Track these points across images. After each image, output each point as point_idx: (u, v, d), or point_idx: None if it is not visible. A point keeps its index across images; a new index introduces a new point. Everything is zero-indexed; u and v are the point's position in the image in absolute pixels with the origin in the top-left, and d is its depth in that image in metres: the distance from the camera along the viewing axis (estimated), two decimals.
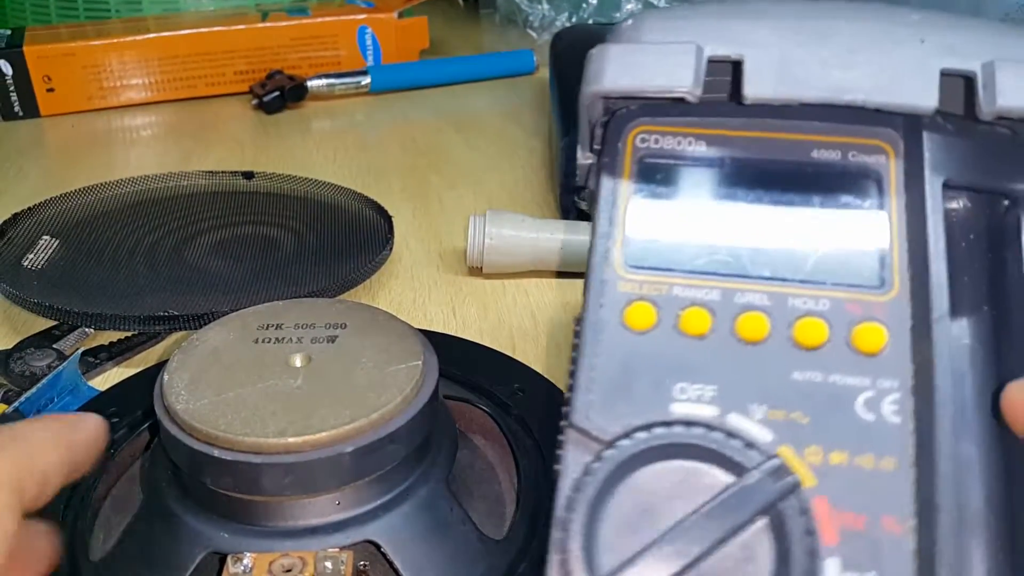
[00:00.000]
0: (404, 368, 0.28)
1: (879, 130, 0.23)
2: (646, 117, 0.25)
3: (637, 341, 0.22)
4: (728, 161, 0.24)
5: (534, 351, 0.43)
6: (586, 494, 0.20)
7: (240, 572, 0.25)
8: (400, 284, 0.49)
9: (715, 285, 0.22)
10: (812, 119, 0.24)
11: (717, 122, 0.24)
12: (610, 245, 0.23)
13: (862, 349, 0.21)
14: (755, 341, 0.21)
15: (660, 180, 0.24)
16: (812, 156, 0.24)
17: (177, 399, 0.26)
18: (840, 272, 0.22)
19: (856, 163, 0.23)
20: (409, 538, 0.27)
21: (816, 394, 0.21)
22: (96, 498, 0.30)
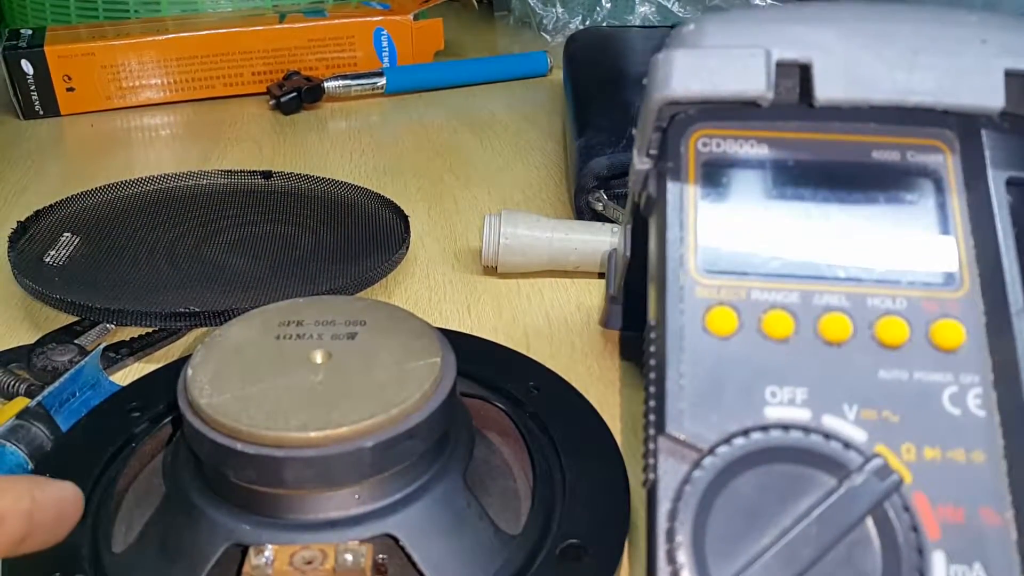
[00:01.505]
0: (423, 365, 0.28)
1: (935, 131, 0.24)
2: (707, 121, 0.25)
3: (722, 346, 0.22)
4: (791, 163, 0.24)
5: (548, 350, 0.43)
6: (690, 503, 0.20)
7: (262, 564, 0.25)
8: (416, 283, 0.49)
9: (793, 288, 0.22)
10: (871, 120, 0.24)
11: (777, 125, 0.24)
12: (684, 251, 0.23)
13: (942, 346, 0.21)
14: (839, 342, 0.22)
15: (726, 183, 0.24)
16: (872, 157, 0.24)
17: (201, 393, 0.27)
18: (911, 271, 0.22)
19: (915, 163, 0.24)
20: (427, 532, 0.27)
21: (903, 392, 0.21)
22: (118, 491, 0.31)
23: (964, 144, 0.24)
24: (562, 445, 0.33)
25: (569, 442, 0.33)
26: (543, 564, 0.28)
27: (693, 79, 0.24)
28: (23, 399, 0.35)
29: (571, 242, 0.48)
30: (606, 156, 0.50)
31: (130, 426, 0.33)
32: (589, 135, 0.54)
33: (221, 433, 0.26)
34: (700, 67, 0.24)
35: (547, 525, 0.29)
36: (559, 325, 0.45)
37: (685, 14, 0.87)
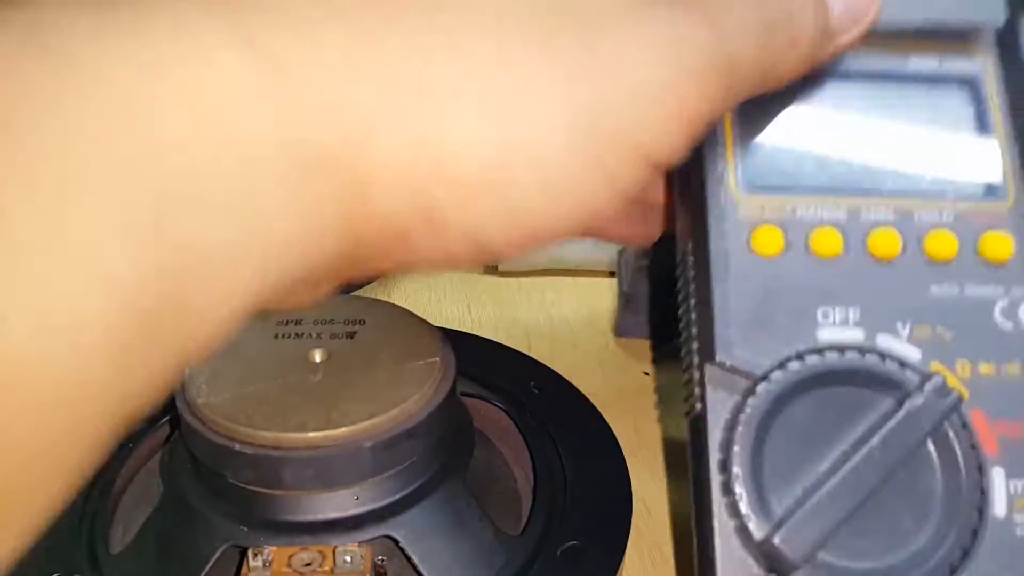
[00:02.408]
0: (423, 364, 0.28)
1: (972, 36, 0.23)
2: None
3: (769, 267, 0.21)
4: (828, 71, 0.23)
5: (549, 349, 0.43)
6: (745, 432, 0.19)
7: (260, 566, 0.25)
8: (416, 282, 0.49)
9: (840, 202, 0.21)
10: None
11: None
12: (722, 168, 0.22)
13: (991, 258, 0.21)
14: (889, 258, 0.21)
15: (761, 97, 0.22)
16: (909, 66, 0.23)
17: (198, 393, 0.27)
18: (957, 183, 0.22)
19: (951, 69, 0.23)
20: (427, 533, 0.27)
21: (955, 307, 0.20)
22: (115, 491, 0.31)
23: (1002, 49, 0.23)
24: (563, 445, 0.33)
25: (570, 442, 0.33)
26: (544, 565, 0.27)
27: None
28: None
29: (572, 240, 0.47)
30: None
31: None
32: None
33: (219, 433, 0.26)
34: None
35: (548, 526, 0.29)
36: (560, 324, 0.45)
37: None
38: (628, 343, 0.44)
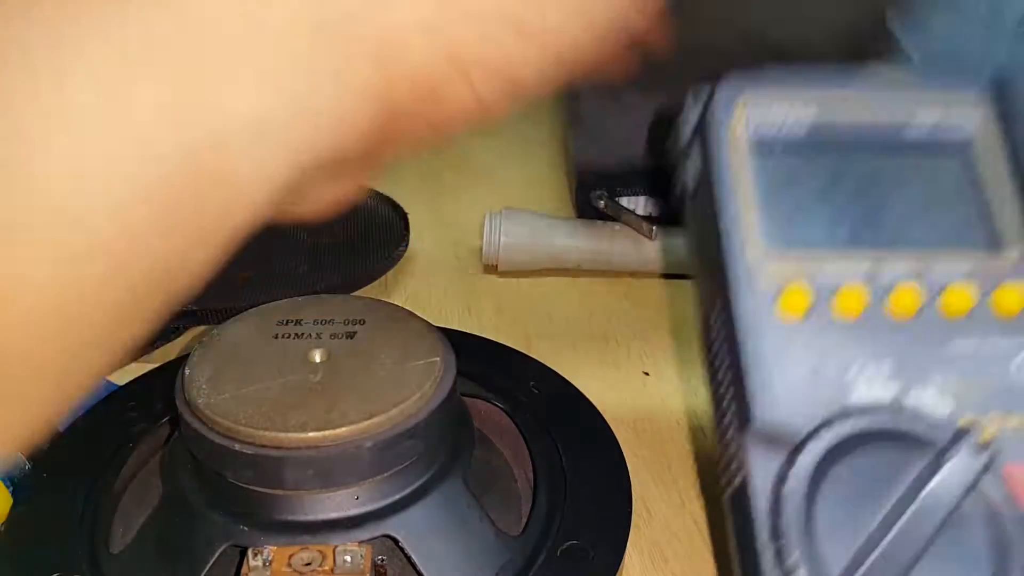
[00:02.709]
0: (422, 364, 0.28)
1: (969, 92, 0.24)
2: (750, 89, 0.24)
3: (798, 328, 0.21)
4: (839, 127, 0.23)
5: (550, 349, 0.43)
6: (794, 496, 0.19)
7: (260, 565, 0.25)
8: (416, 282, 0.49)
9: (862, 259, 0.21)
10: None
11: (821, 85, 0.24)
12: (744, 227, 0.22)
13: (1004, 312, 0.21)
14: (908, 317, 0.21)
15: (778, 154, 0.23)
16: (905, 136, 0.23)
17: (198, 393, 0.27)
18: (968, 235, 0.22)
19: (956, 127, 0.23)
20: (427, 533, 0.27)
21: (976, 361, 0.20)
22: (116, 491, 0.31)
23: (998, 112, 0.23)
24: (563, 445, 0.33)
25: (570, 442, 0.33)
26: (544, 565, 0.27)
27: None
28: None
29: (572, 241, 0.48)
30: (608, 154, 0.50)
31: (127, 426, 0.33)
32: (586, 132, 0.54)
33: (219, 433, 0.26)
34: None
35: (548, 526, 0.29)
36: (560, 324, 0.45)
37: None
38: (628, 343, 0.44)
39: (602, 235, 0.48)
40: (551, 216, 0.48)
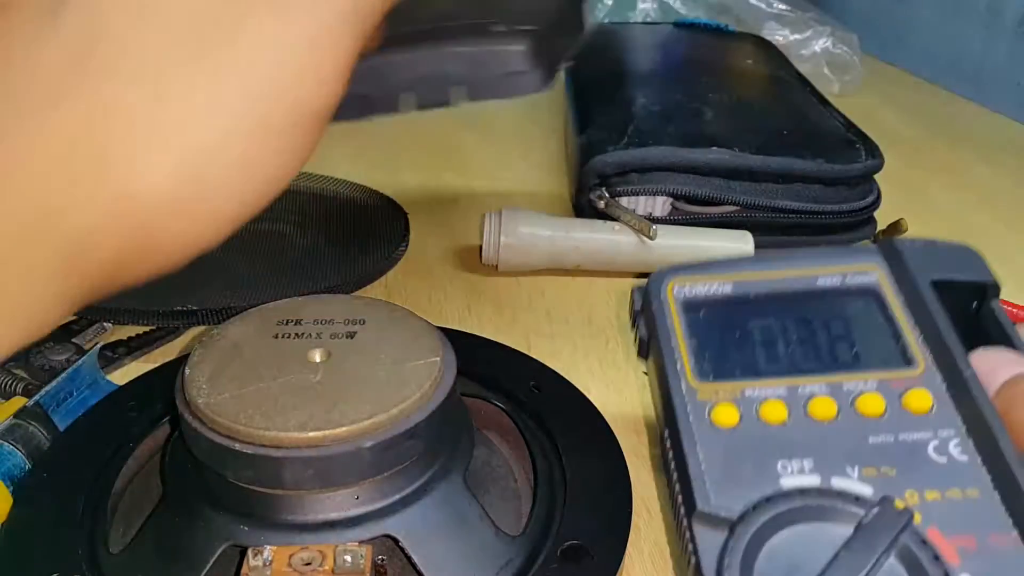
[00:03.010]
0: (422, 364, 0.28)
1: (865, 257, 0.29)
2: (677, 273, 0.30)
3: (730, 434, 0.25)
4: (752, 295, 0.29)
5: (549, 349, 0.43)
6: (732, 567, 0.22)
7: (260, 565, 0.25)
8: (415, 281, 0.49)
9: (779, 383, 0.26)
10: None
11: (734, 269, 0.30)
12: (680, 366, 0.27)
13: (916, 411, 0.25)
14: (829, 419, 0.25)
15: (703, 314, 0.29)
16: (818, 283, 0.29)
17: (198, 393, 0.27)
18: (874, 359, 0.27)
19: (855, 282, 0.29)
20: (427, 533, 0.27)
21: (893, 451, 0.24)
22: (116, 491, 0.31)
23: (890, 262, 0.29)
24: (563, 445, 0.33)
25: (570, 442, 0.33)
26: (544, 565, 0.27)
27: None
28: (20, 398, 0.35)
29: (572, 240, 0.48)
30: (608, 154, 0.50)
31: (127, 426, 0.33)
32: (590, 132, 0.54)
33: (219, 433, 0.26)
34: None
35: (548, 525, 0.29)
36: (560, 324, 0.45)
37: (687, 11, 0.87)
38: (628, 343, 0.44)
39: (602, 235, 0.48)
40: (551, 216, 0.48)
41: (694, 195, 0.50)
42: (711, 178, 0.50)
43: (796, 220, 0.50)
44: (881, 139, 0.54)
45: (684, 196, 0.50)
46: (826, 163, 0.50)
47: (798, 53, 0.81)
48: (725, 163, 0.49)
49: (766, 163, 0.49)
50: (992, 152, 0.71)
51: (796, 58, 0.79)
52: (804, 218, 0.50)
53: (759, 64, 0.68)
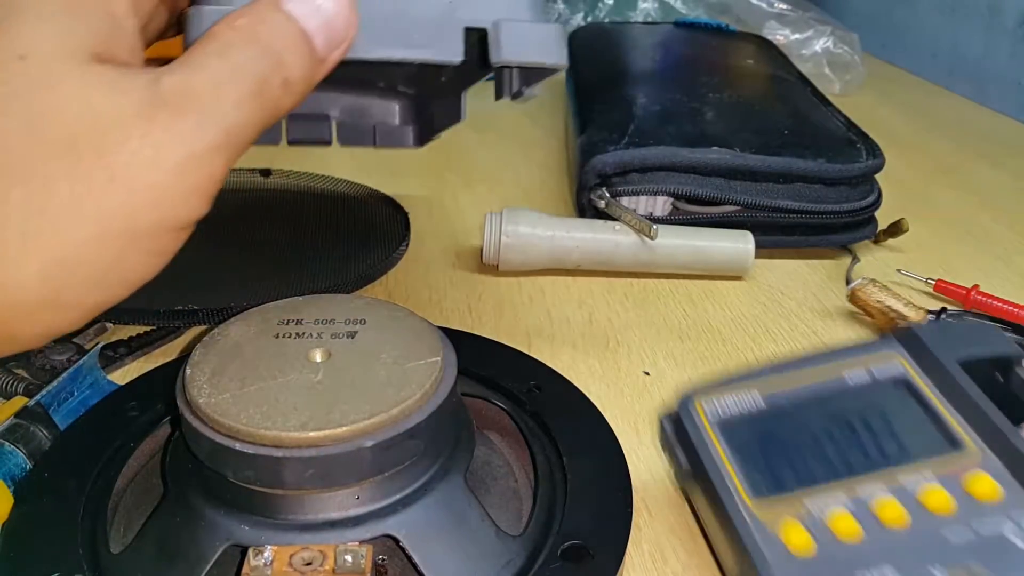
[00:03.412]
0: (423, 364, 0.28)
1: (885, 348, 0.29)
2: (703, 392, 0.30)
3: (810, 565, 0.24)
4: (786, 401, 0.29)
5: (549, 349, 0.43)
6: None
7: (261, 565, 0.25)
8: (416, 281, 0.49)
9: (837, 488, 0.26)
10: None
11: (758, 378, 0.29)
12: (732, 487, 0.27)
13: (984, 498, 0.24)
14: (903, 526, 0.24)
15: (741, 429, 0.28)
16: (846, 381, 0.29)
17: (199, 392, 0.27)
18: (922, 448, 0.26)
19: (882, 374, 0.29)
20: (428, 533, 0.27)
21: (976, 545, 0.24)
22: (116, 491, 0.31)
23: (910, 349, 0.29)
24: (564, 444, 0.33)
25: (571, 441, 0.33)
26: (545, 565, 0.27)
27: None
28: (21, 398, 0.35)
29: (573, 240, 0.48)
30: (608, 153, 0.50)
31: (128, 425, 0.33)
32: (591, 132, 0.54)
33: (220, 432, 0.26)
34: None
35: (549, 525, 0.29)
36: (560, 324, 0.45)
37: (687, 10, 0.87)
38: (628, 343, 0.44)
39: (603, 235, 0.48)
40: (551, 216, 0.48)
41: (695, 195, 0.50)
42: (712, 178, 0.50)
43: (797, 220, 0.51)
44: (882, 139, 0.54)
45: (685, 196, 0.50)
46: (827, 163, 0.50)
47: (799, 53, 0.81)
48: (726, 163, 0.49)
49: (767, 163, 0.49)
50: (993, 152, 0.71)
51: (797, 58, 0.79)
52: (805, 218, 0.50)
53: (760, 64, 0.68)
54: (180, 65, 0.22)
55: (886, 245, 0.54)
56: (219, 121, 0.21)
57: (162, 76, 0.21)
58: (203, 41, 0.22)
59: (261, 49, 0.22)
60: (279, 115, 0.23)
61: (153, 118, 0.21)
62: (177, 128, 0.21)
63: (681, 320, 0.46)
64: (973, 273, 0.51)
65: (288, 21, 0.23)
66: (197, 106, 0.21)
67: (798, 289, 0.49)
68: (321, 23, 0.23)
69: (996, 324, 0.30)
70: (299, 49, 0.23)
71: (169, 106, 0.21)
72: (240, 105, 0.22)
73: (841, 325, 0.46)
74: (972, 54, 0.84)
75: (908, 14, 0.92)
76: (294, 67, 0.23)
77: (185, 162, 0.21)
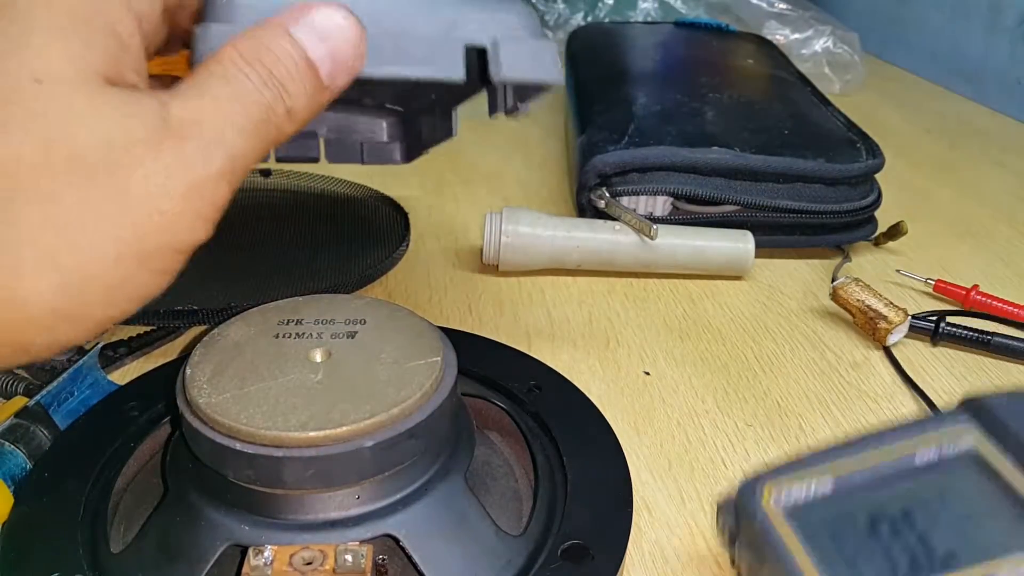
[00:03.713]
0: (423, 364, 0.28)
1: (954, 422, 0.27)
2: (770, 478, 0.27)
3: None
4: (857, 486, 0.26)
5: (549, 348, 0.43)
6: None
7: (261, 564, 0.25)
8: (416, 281, 0.49)
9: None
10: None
11: (827, 461, 0.27)
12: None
13: None
14: None
15: (812, 519, 0.26)
16: (917, 461, 0.26)
17: (199, 392, 0.27)
18: (1014, 535, 0.24)
19: (954, 452, 0.26)
20: (428, 533, 0.27)
21: None
22: (117, 490, 0.31)
23: (983, 422, 0.26)
24: (564, 444, 0.33)
25: (571, 441, 0.33)
26: (545, 564, 0.27)
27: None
28: (21, 398, 0.35)
29: (573, 240, 0.48)
30: (608, 153, 0.50)
31: (128, 425, 0.33)
32: (591, 132, 0.54)
33: (220, 432, 0.26)
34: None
35: (549, 525, 0.29)
36: (561, 324, 0.45)
37: (687, 10, 0.87)
38: (628, 342, 0.44)
39: (603, 235, 0.48)
40: (552, 215, 0.48)
41: (695, 195, 0.50)
42: (712, 178, 0.50)
43: (797, 220, 0.51)
44: (882, 139, 0.54)
45: (685, 196, 0.50)
46: (827, 163, 0.50)
47: (799, 52, 0.81)
48: (726, 163, 0.49)
49: (767, 163, 0.49)
50: (993, 151, 0.71)
51: (797, 57, 0.79)
52: (805, 218, 0.50)
53: (760, 63, 0.68)
54: (187, 89, 0.22)
55: (885, 246, 0.54)
56: (224, 149, 0.22)
57: (170, 102, 0.22)
58: (209, 64, 0.23)
59: (266, 77, 0.23)
60: (281, 141, 0.24)
61: (161, 144, 0.21)
62: (184, 155, 0.21)
63: (681, 320, 0.46)
64: (973, 273, 0.52)
65: (294, 48, 0.23)
66: (203, 133, 0.22)
67: (798, 289, 0.49)
68: (327, 52, 0.24)
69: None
70: (304, 78, 0.23)
71: (177, 133, 0.22)
72: (244, 133, 0.22)
73: (841, 325, 0.46)
74: (972, 54, 0.84)
75: (908, 14, 0.92)
76: (298, 96, 0.23)
77: (191, 189, 0.22)
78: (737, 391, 0.41)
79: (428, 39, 0.28)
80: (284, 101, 0.23)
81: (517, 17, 0.30)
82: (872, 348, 0.44)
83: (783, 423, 0.38)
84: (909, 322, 0.43)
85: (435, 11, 0.29)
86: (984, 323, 0.44)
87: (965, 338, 0.43)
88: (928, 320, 0.44)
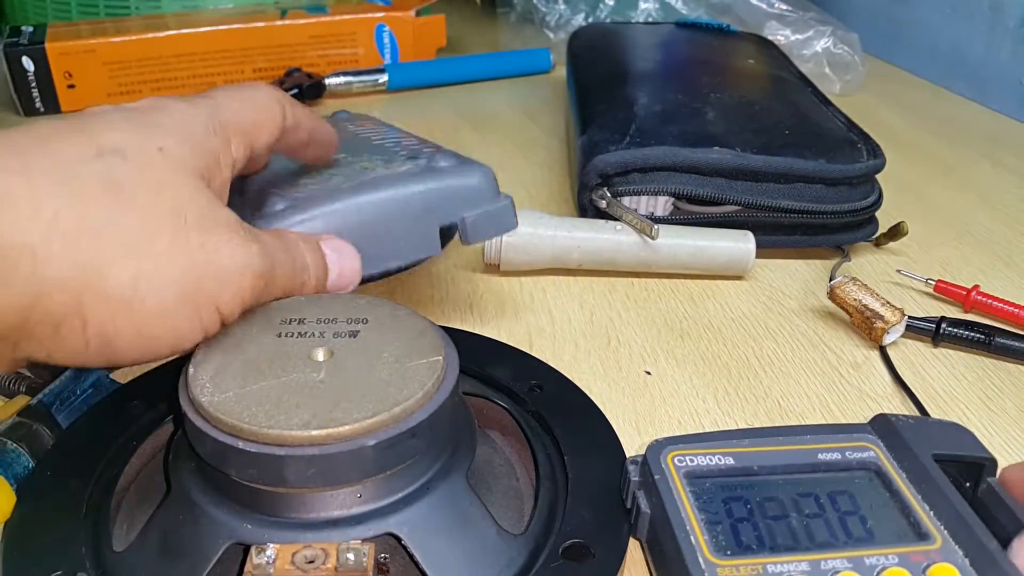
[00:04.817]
0: (425, 363, 0.28)
1: (859, 434, 0.31)
2: (674, 445, 0.30)
3: None
4: (757, 466, 0.29)
5: (551, 348, 0.43)
6: None
7: (263, 563, 0.25)
8: (418, 280, 0.49)
9: (801, 559, 0.26)
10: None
11: (731, 443, 0.30)
12: (695, 540, 0.27)
13: None
14: None
15: (709, 486, 0.29)
16: (819, 457, 0.30)
17: (202, 391, 0.27)
18: (889, 534, 0.27)
19: (855, 457, 0.30)
20: (429, 531, 0.27)
21: None
22: (119, 489, 0.31)
23: (885, 439, 0.30)
24: (565, 444, 0.33)
25: (572, 440, 0.33)
26: (546, 563, 0.28)
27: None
28: (24, 397, 0.35)
29: (574, 240, 0.48)
30: (609, 153, 0.50)
31: (131, 424, 0.33)
32: (592, 132, 0.54)
33: (222, 431, 0.26)
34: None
35: (550, 524, 0.29)
36: (562, 323, 0.45)
37: (688, 11, 0.87)
38: (629, 342, 0.44)
39: (604, 235, 0.48)
40: (553, 215, 0.48)
41: (696, 195, 0.50)
42: (713, 178, 0.50)
43: (798, 220, 0.51)
44: (882, 139, 0.54)
45: (686, 196, 0.50)
46: (828, 163, 0.50)
47: (799, 53, 0.81)
48: (727, 163, 0.49)
49: (768, 163, 0.49)
50: (993, 152, 0.71)
51: (797, 58, 0.79)
52: (806, 218, 0.51)
53: (761, 64, 0.68)
54: (266, 235, 0.30)
55: (886, 247, 0.54)
56: (272, 259, 0.29)
57: (251, 229, 0.29)
58: (278, 235, 0.31)
59: (304, 263, 0.32)
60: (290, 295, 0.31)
61: (237, 231, 0.28)
62: (253, 250, 0.28)
63: (682, 319, 0.46)
64: (973, 273, 0.52)
65: (322, 257, 0.32)
66: (264, 250, 0.29)
67: (799, 289, 0.49)
68: (338, 268, 0.33)
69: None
70: (320, 275, 0.32)
71: (250, 235, 0.29)
72: (284, 264, 0.30)
73: (842, 325, 0.46)
74: (972, 54, 0.84)
75: (908, 14, 0.92)
76: (313, 280, 0.32)
77: (244, 269, 0.28)
78: (738, 391, 0.41)
79: (408, 232, 0.36)
80: (306, 283, 0.32)
81: (478, 179, 0.37)
82: (873, 348, 0.44)
83: (783, 423, 0.38)
84: (906, 322, 0.43)
85: (409, 206, 0.35)
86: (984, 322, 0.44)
87: (966, 339, 0.43)
88: (928, 322, 0.44)
